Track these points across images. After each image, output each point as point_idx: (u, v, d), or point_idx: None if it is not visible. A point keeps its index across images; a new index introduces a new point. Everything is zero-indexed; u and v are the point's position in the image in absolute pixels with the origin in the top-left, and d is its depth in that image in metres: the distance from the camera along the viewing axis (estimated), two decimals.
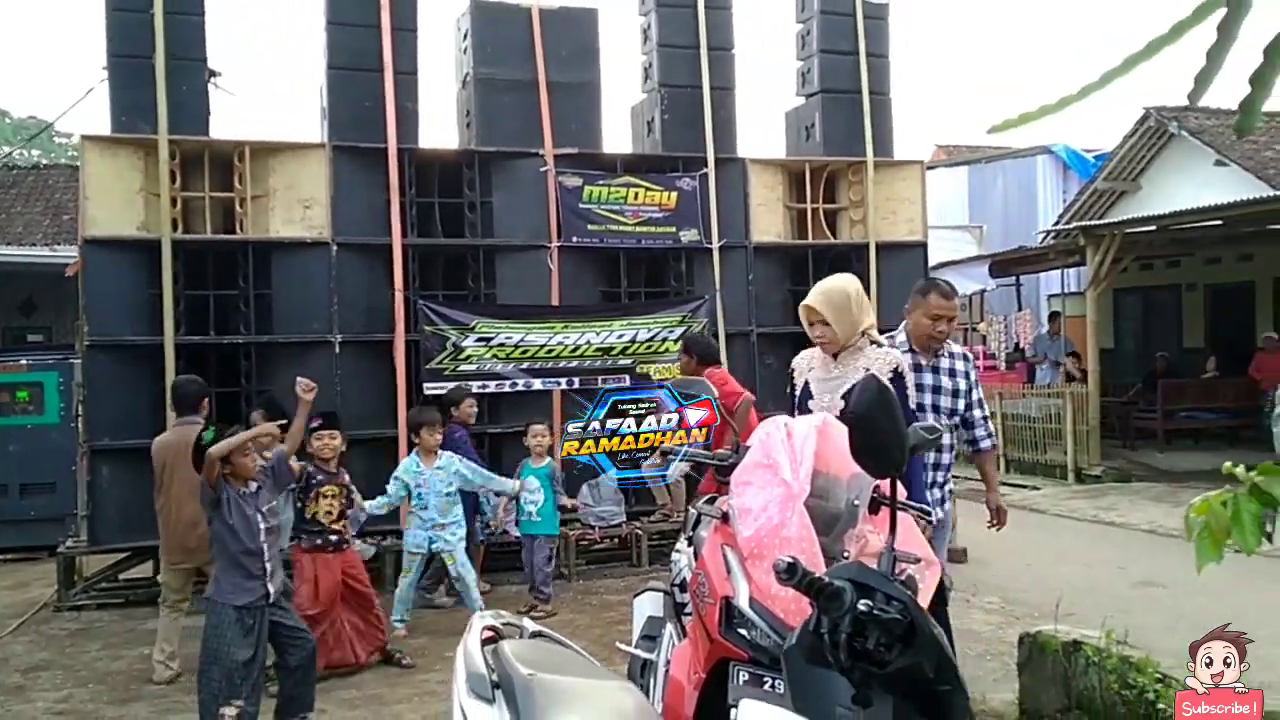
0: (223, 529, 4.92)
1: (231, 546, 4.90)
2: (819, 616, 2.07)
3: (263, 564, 4.94)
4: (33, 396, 10.41)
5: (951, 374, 4.92)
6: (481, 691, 2.62)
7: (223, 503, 4.91)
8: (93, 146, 7.96)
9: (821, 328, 4.47)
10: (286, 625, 5.07)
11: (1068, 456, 13.56)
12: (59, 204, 19.93)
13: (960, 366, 4.95)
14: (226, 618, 4.83)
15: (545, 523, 7.46)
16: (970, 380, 4.99)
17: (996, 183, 21.93)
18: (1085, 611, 6.12)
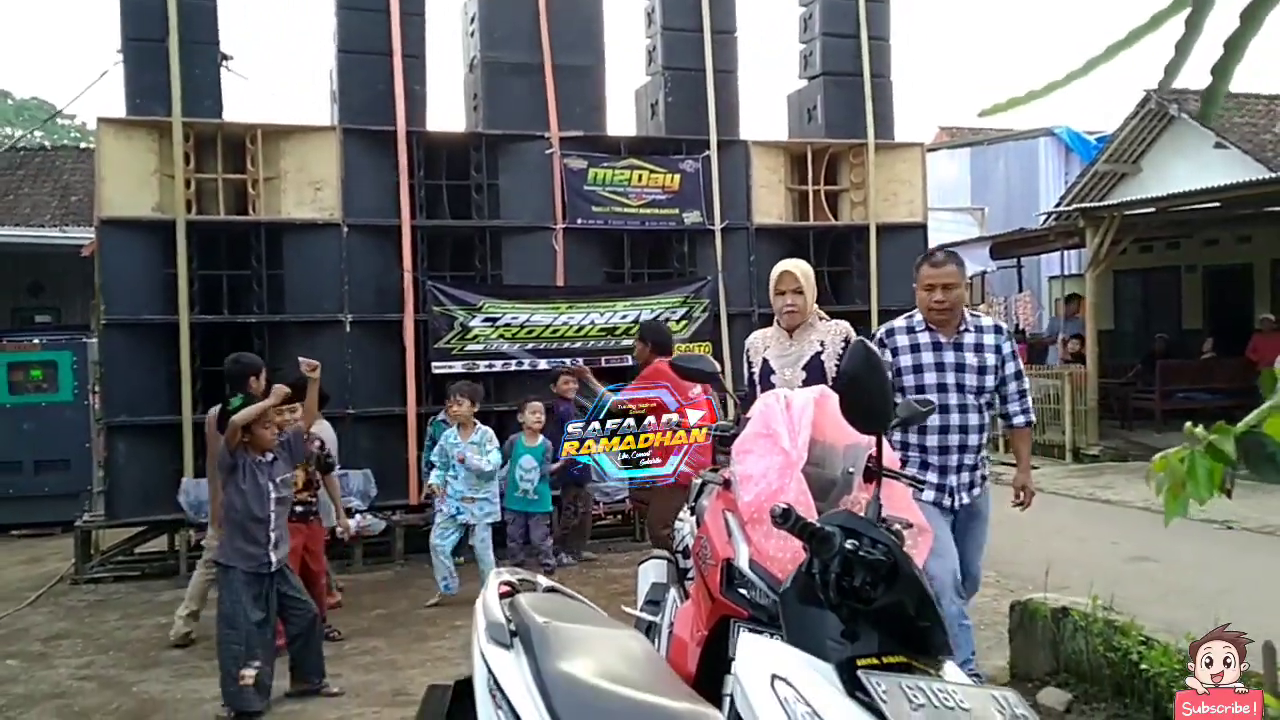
0: (234, 493, 5.12)
1: (240, 512, 5.11)
2: (811, 559, 2.27)
3: (268, 532, 5.15)
4: (47, 375, 10.58)
5: (978, 349, 4.68)
6: (500, 638, 2.81)
7: (238, 468, 5.12)
8: (108, 129, 8.10)
9: (794, 297, 4.90)
10: (288, 594, 5.27)
11: (1066, 436, 13.71)
12: (67, 185, 20.05)
13: (989, 341, 4.71)
14: (237, 581, 5.06)
15: (541, 500, 7.61)
16: (1003, 354, 4.75)
17: (999, 165, 22.02)
18: (1078, 584, 6.27)
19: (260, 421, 5.18)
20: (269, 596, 5.17)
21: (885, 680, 2.10)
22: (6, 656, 6.21)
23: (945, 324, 4.67)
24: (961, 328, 4.69)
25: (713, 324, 9.36)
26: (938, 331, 4.68)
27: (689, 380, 6.93)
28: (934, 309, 4.67)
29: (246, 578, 5.08)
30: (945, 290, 4.62)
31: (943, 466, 4.65)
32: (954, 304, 4.64)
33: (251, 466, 5.17)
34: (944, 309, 4.64)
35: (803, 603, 2.33)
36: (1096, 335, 14.23)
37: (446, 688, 3.27)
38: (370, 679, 5.60)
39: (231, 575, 5.08)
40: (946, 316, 4.66)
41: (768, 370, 5.08)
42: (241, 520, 5.11)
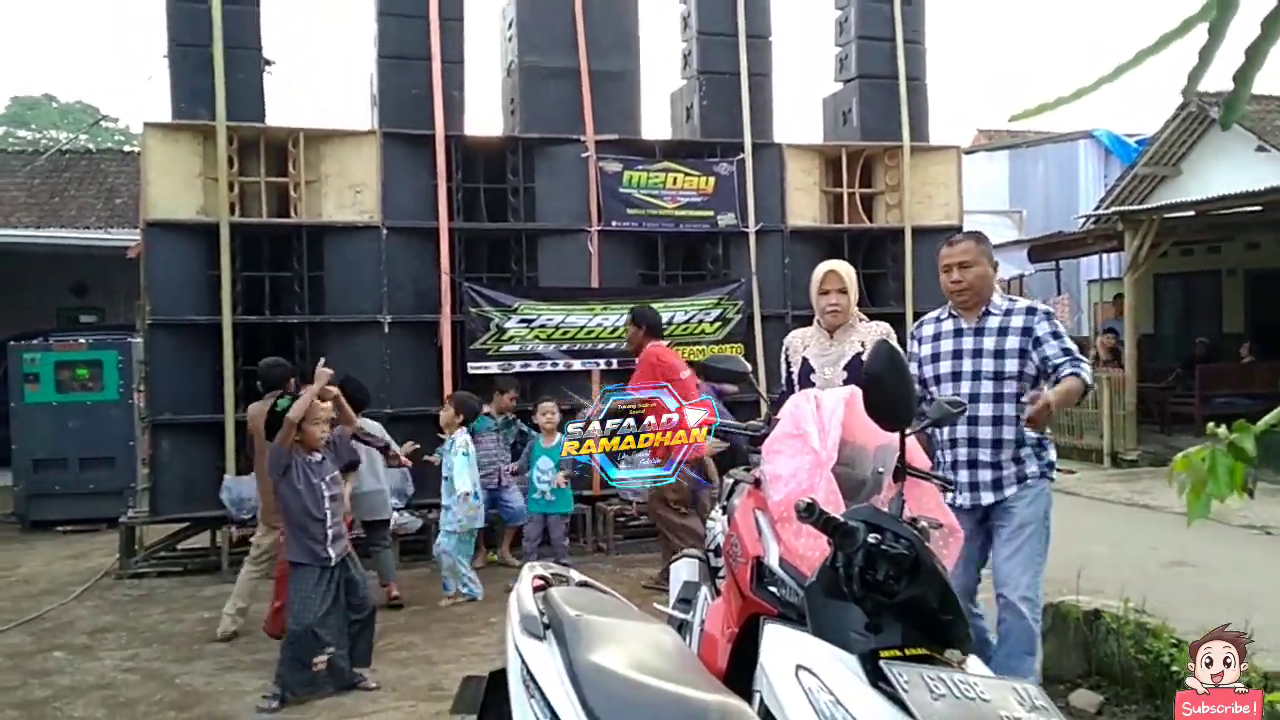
0: (290, 494, 5.27)
1: (298, 512, 5.26)
2: (835, 553, 2.33)
3: (325, 529, 5.30)
4: (93, 374, 10.77)
5: (1001, 333, 4.33)
6: (534, 630, 2.88)
7: (291, 469, 5.25)
8: (154, 132, 8.27)
9: (838, 296, 4.81)
10: (352, 582, 5.43)
11: (1104, 441, 13.63)
12: (112, 188, 20.37)
13: (1017, 323, 4.32)
14: (307, 578, 5.23)
15: (560, 501, 7.65)
16: (1036, 334, 4.29)
17: (1037, 167, 21.89)
18: (1112, 587, 6.26)
19: (310, 419, 5.32)
20: (335, 585, 5.33)
21: (907, 671, 2.15)
22: (53, 648, 6.35)
23: (967, 307, 4.41)
24: (986, 311, 4.39)
25: (746, 326, 9.41)
26: (960, 317, 4.43)
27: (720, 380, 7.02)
28: (952, 290, 4.43)
29: (313, 572, 5.24)
30: (961, 269, 4.35)
31: (955, 461, 4.37)
32: (972, 283, 4.35)
33: (304, 466, 5.31)
34: (960, 289, 4.38)
35: (827, 596, 2.39)
36: (1136, 339, 14.12)
37: (481, 679, 3.35)
38: (406, 673, 5.69)
39: (300, 570, 5.25)
40: (965, 297, 4.39)
41: (807, 370, 5.07)
42: (301, 519, 5.27)
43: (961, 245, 4.40)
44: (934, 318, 4.58)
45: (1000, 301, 4.40)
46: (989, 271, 4.37)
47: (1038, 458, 4.30)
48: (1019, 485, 4.25)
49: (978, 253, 4.36)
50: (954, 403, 3.54)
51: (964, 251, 4.36)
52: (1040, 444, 4.33)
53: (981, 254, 4.37)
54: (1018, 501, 4.23)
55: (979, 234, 4.54)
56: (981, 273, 4.34)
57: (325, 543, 5.29)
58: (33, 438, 10.53)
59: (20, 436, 10.54)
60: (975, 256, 4.34)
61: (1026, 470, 4.27)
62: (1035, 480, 4.28)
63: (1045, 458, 4.32)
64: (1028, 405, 4.15)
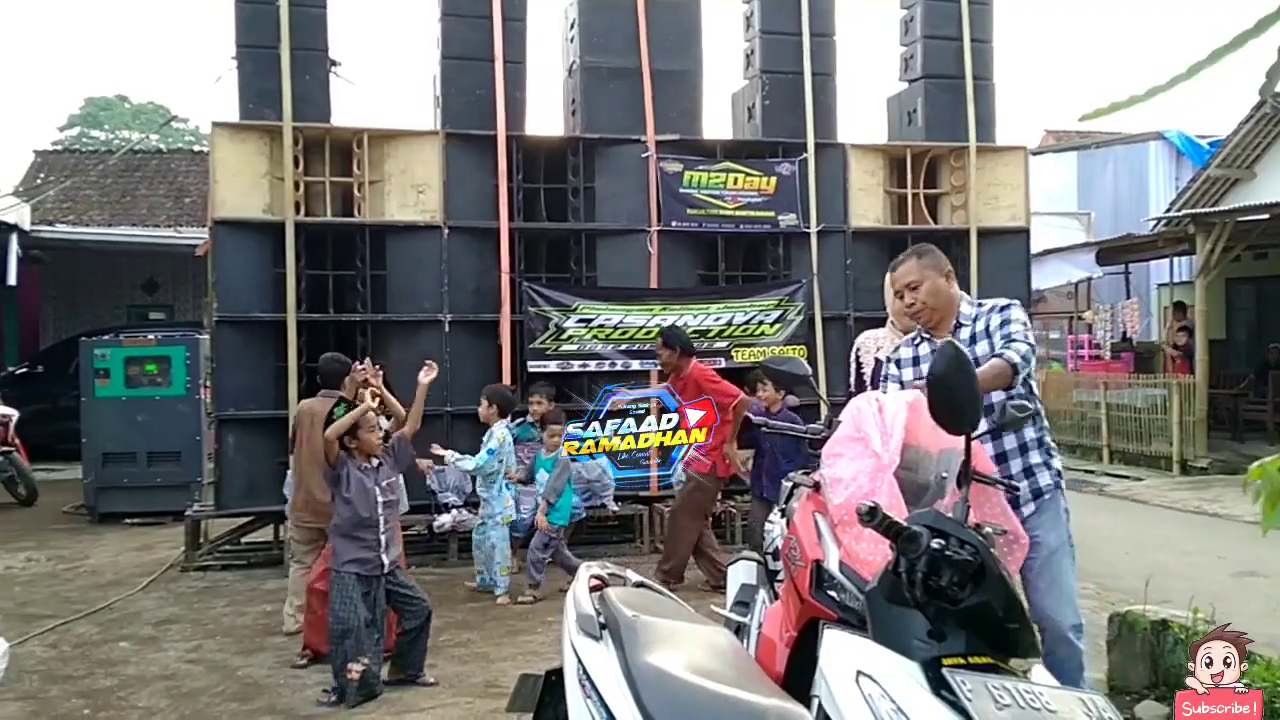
0: (341, 503, 5.32)
1: (348, 518, 5.30)
2: (898, 558, 2.28)
3: (378, 536, 5.33)
4: (161, 370, 10.96)
5: (973, 341, 3.98)
6: (590, 630, 2.88)
7: (342, 477, 5.30)
8: (222, 132, 8.40)
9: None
10: (402, 592, 5.46)
11: (1173, 448, 13.35)
12: (181, 187, 20.82)
13: (983, 326, 3.99)
14: (348, 584, 5.25)
15: (558, 514, 7.47)
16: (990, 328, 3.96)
17: (1106, 169, 21.52)
18: (1180, 597, 6.11)
19: (364, 426, 5.37)
20: (378, 597, 5.36)
21: (971, 679, 2.11)
22: (120, 639, 6.47)
23: (934, 326, 4.08)
24: (957, 324, 4.04)
25: (807, 328, 9.33)
26: (933, 337, 4.08)
27: (780, 383, 6.98)
28: (909, 315, 4.16)
29: (358, 580, 5.27)
30: (911, 291, 4.02)
31: None
32: (926, 302, 4.01)
33: (356, 473, 5.35)
34: (916, 311, 4.06)
35: (889, 602, 2.35)
36: (1207, 344, 13.80)
37: (538, 677, 3.35)
38: (464, 670, 5.72)
39: (344, 578, 5.27)
40: (926, 317, 4.06)
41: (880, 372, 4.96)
42: (351, 527, 5.31)
43: (903, 267, 4.09)
44: (910, 340, 4.26)
45: (968, 309, 4.08)
46: (941, 284, 4.02)
47: (1047, 466, 4.00)
48: (1035, 501, 3.94)
49: (920, 270, 4.02)
50: (1020, 406, 3.45)
51: (907, 272, 4.05)
52: (1047, 449, 4.01)
53: (926, 269, 4.02)
54: (1040, 525, 3.90)
55: (920, 249, 4.16)
56: (932, 288, 4.00)
57: (378, 549, 5.32)
58: (102, 432, 10.75)
59: (90, 430, 10.76)
60: (920, 274, 4.01)
61: (1040, 483, 3.95)
62: (1051, 493, 3.97)
63: (1054, 465, 4.03)
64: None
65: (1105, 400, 14.63)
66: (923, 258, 4.06)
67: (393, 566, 5.41)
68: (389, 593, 5.42)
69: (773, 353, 8.82)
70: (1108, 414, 14.59)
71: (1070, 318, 19.36)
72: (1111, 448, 14.53)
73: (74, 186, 19.31)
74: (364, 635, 5.22)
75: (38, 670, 5.80)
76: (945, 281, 4.03)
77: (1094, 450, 14.95)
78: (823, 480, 3.13)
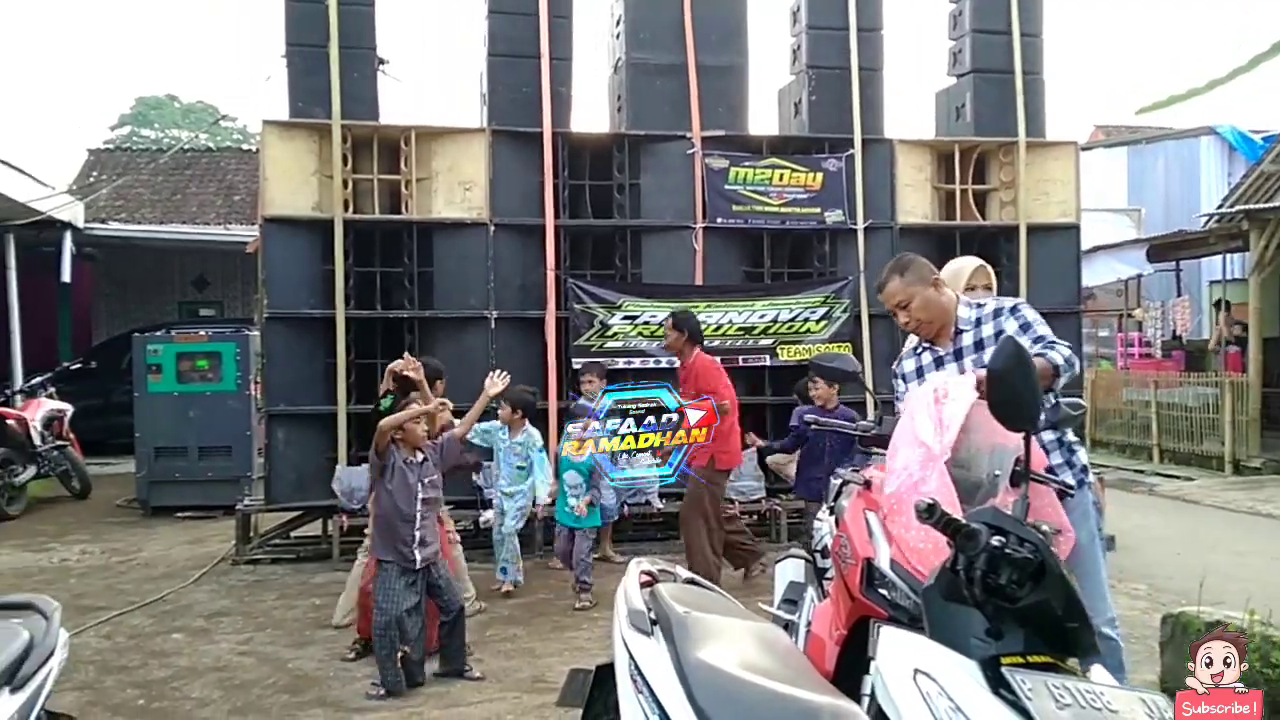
0: (382, 492, 5.37)
1: (388, 510, 5.35)
2: (956, 555, 2.26)
3: (414, 531, 5.36)
4: (212, 365, 11.10)
5: (978, 346, 3.94)
6: (641, 625, 2.88)
7: (386, 469, 5.34)
8: (272, 131, 8.49)
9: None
10: (436, 585, 5.49)
11: (1225, 447, 13.13)
12: (230, 185, 21.06)
13: (988, 331, 3.94)
14: (391, 575, 5.31)
15: (588, 516, 7.42)
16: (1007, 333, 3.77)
17: (1157, 164, 21.20)
18: (1234, 599, 6.01)
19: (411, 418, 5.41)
20: (421, 584, 5.41)
21: (1030, 678, 2.09)
22: (173, 630, 6.57)
23: (934, 336, 4.02)
24: (957, 330, 3.98)
25: (853, 325, 9.28)
26: (935, 346, 4.03)
27: (829, 379, 6.93)
28: (908, 330, 4.10)
29: (399, 570, 5.32)
30: (902, 310, 3.98)
31: None
32: (920, 317, 3.97)
33: (401, 466, 5.39)
34: (915, 328, 4.02)
35: (947, 599, 2.33)
36: (1260, 342, 13.56)
37: (588, 672, 3.36)
38: (510, 665, 5.75)
39: (386, 568, 5.34)
40: (926, 331, 4.01)
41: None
42: (391, 519, 5.35)
43: (889, 288, 4.00)
44: (912, 351, 4.18)
45: (968, 313, 3.99)
46: (930, 295, 3.94)
47: (1069, 465, 3.93)
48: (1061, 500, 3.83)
49: (904, 287, 3.95)
50: (1074, 404, 3.42)
51: (891, 294, 3.99)
52: (1068, 448, 3.96)
53: (910, 284, 3.95)
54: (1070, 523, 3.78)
55: (899, 264, 4.05)
56: (921, 302, 3.94)
57: (412, 545, 5.35)
58: (155, 427, 10.91)
59: (143, 425, 10.93)
60: (904, 292, 3.95)
61: (1064, 482, 3.74)
62: (1075, 492, 3.76)
63: (1076, 463, 3.96)
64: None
65: (1156, 399, 14.43)
66: (905, 274, 3.97)
67: (427, 561, 5.43)
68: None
69: (818, 350, 8.78)
70: (1158, 413, 14.38)
71: (1120, 315, 19.10)
72: (1162, 447, 14.33)
73: (126, 185, 19.60)
74: (406, 623, 5.28)
75: (93, 661, 5.90)
76: (934, 291, 3.96)
77: (1144, 450, 14.74)
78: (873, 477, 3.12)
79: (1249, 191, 16.16)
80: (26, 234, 14.27)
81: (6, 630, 2.76)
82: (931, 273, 4.01)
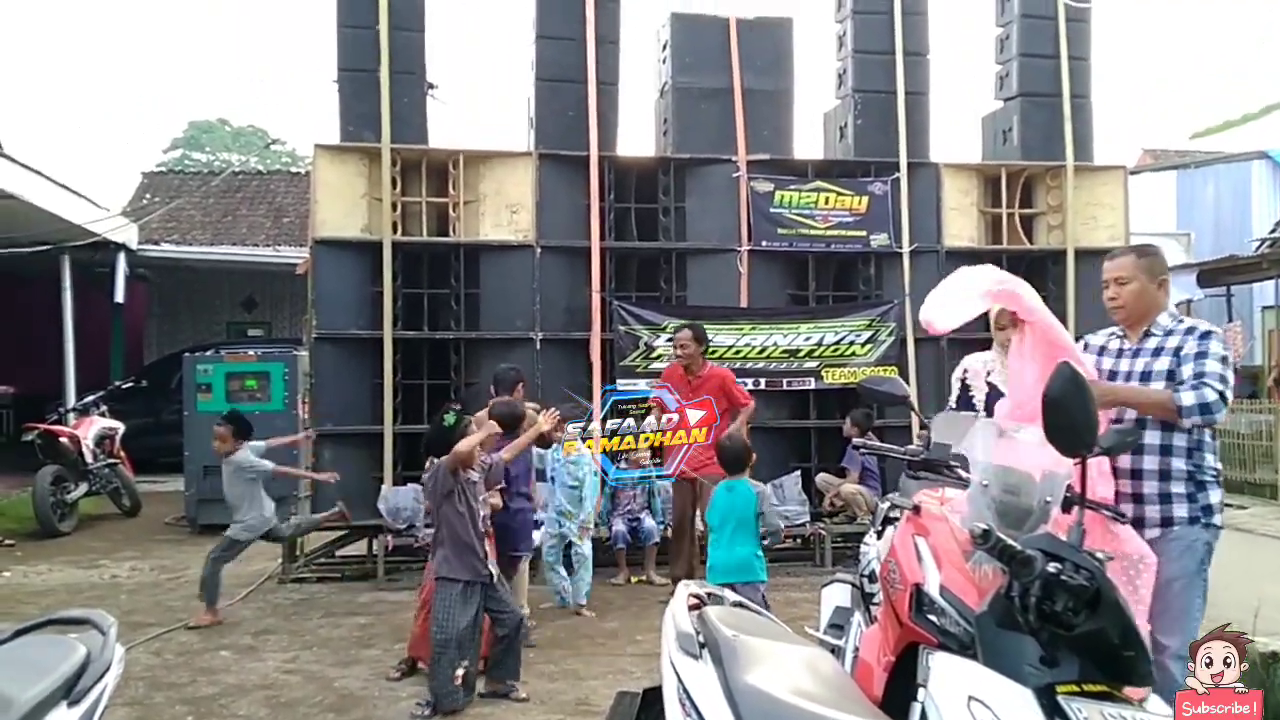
0: (453, 514, 5.41)
1: (462, 530, 5.40)
2: (1010, 582, 2.24)
3: (484, 548, 5.45)
4: (260, 385, 11.21)
5: (1156, 353, 4.01)
6: (690, 649, 2.88)
7: (454, 492, 5.39)
8: (323, 154, 8.62)
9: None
10: (496, 599, 5.52)
11: (1278, 476, 12.89)
12: (280, 207, 21.36)
13: (1172, 343, 3.98)
14: (454, 593, 5.34)
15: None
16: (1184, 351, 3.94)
17: (1207, 189, 20.97)
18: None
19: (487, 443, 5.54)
20: (479, 602, 5.44)
21: (1086, 707, 2.07)
22: (220, 648, 6.63)
23: (1128, 325, 4.12)
24: (1148, 331, 4.06)
25: (899, 349, 9.23)
26: (1126, 337, 4.14)
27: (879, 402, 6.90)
28: (1109, 307, 4.17)
29: (463, 587, 5.36)
30: (1117, 285, 4.08)
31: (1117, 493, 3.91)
32: (1126, 301, 4.06)
33: (468, 487, 5.46)
34: (1115, 305, 4.11)
35: (1000, 626, 2.31)
36: None
37: (636, 695, 3.36)
38: (554, 687, 5.74)
39: (451, 587, 5.37)
40: (1121, 315, 4.11)
41: (996, 396, 4.83)
42: (466, 538, 5.40)
43: (1118, 260, 4.13)
44: (1107, 332, 4.27)
45: (1167, 322, 4.05)
46: (1147, 289, 4.05)
47: (1189, 500, 3.87)
48: (1162, 528, 3.85)
49: (1134, 268, 4.06)
50: (1127, 430, 3.39)
51: (1118, 267, 4.10)
52: (1198, 484, 3.90)
53: (1140, 269, 4.05)
54: (1161, 553, 3.72)
55: (1144, 248, 4.21)
56: (1138, 289, 4.04)
57: (485, 560, 5.43)
58: (204, 445, 10.93)
59: (192, 443, 11.02)
60: (1131, 272, 4.06)
61: (1175, 513, 3.86)
62: (1183, 526, 3.85)
63: (1201, 500, 3.89)
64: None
65: None
66: (1141, 258, 4.10)
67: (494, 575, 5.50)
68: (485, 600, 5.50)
69: (864, 373, 8.74)
70: None
71: None
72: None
73: (178, 207, 19.93)
74: (465, 641, 5.31)
75: (143, 677, 5.96)
76: (1156, 288, 4.07)
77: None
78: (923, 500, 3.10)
79: None
80: (82, 255, 14.55)
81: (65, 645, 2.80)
82: (1163, 273, 4.12)
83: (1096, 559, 2.38)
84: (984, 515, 2.69)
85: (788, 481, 8.89)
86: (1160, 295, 4.10)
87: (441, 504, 5.48)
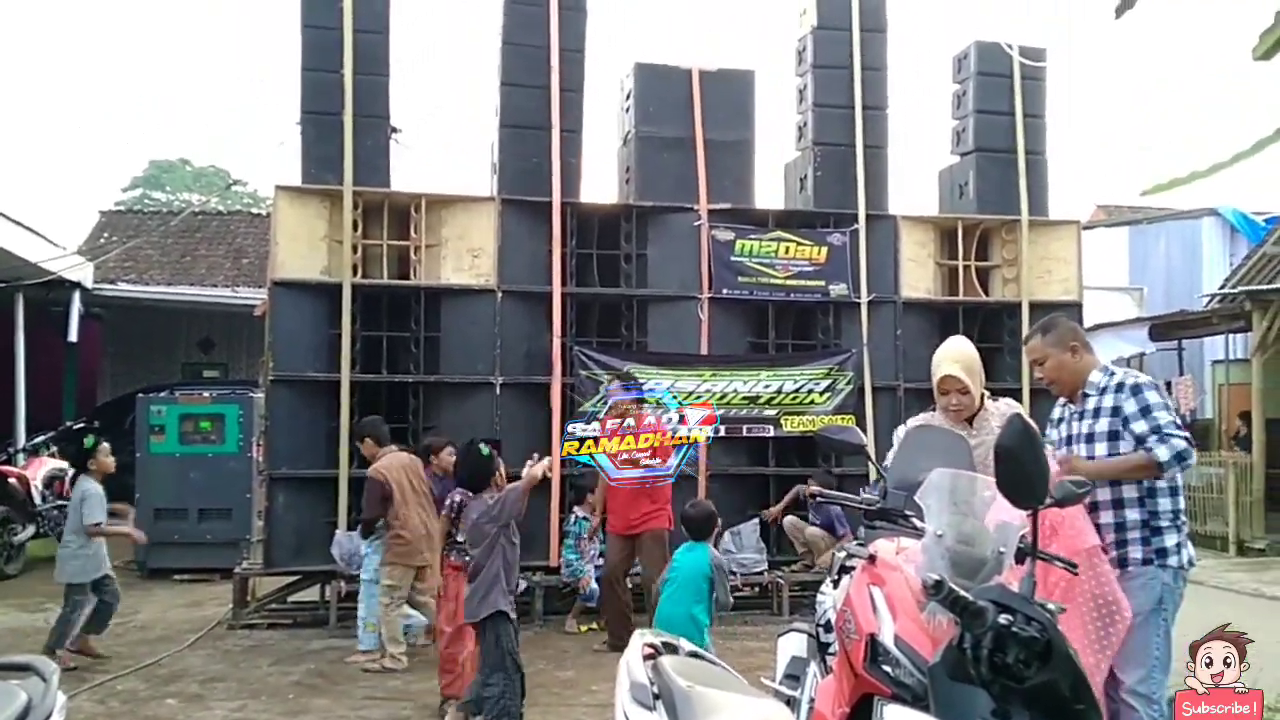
0: (507, 546, 5.36)
1: (511, 562, 5.38)
2: (963, 633, 2.25)
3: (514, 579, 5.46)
4: (214, 427, 11.08)
5: (1096, 414, 4.22)
6: (643, 700, 2.86)
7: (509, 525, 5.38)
8: (284, 195, 8.59)
9: (960, 397, 4.60)
10: None
11: (1229, 528, 13.04)
12: (239, 248, 21.17)
13: (1107, 403, 4.19)
14: (508, 625, 5.32)
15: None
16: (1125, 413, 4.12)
17: (1159, 244, 21.33)
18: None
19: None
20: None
21: None
22: (166, 695, 6.49)
23: (1065, 394, 4.41)
24: (1084, 394, 4.30)
25: (857, 397, 9.29)
26: (1070, 403, 4.41)
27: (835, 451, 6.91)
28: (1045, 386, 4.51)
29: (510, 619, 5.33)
30: (1037, 366, 4.44)
31: None
32: (1050, 376, 4.37)
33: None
34: (1047, 384, 4.46)
35: (953, 678, 2.31)
36: (1264, 424, 13.54)
37: None
38: None
39: (503, 620, 5.29)
40: (1056, 390, 4.44)
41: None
42: (509, 570, 5.37)
43: (1029, 345, 4.46)
44: (1060, 403, 4.52)
45: (1099, 379, 4.27)
46: (1064, 359, 4.31)
47: (1144, 543, 4.09)
48: (1120, 569, 4.04)
49: (1043, 346, 4.35)
50: (1078, 482, 3.42)
51: (1030, 351, 4.43)
52: (1153, 529, 4.10)
53: (1049, 344, 4.33)
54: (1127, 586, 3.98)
55: (1046, 323, 4.47)
56: (1055, 364, 4.32)
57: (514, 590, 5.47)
58: (155, 487, 10.85)
59: (144, 486, 10.85)
60: (1042, 351, 4.35)
61: (1130, 554, 4.08)
62: (1138, 567, 4.08)
63: (1155, 544, 4.09)
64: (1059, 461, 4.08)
65: None
66: (1047, 334, 4.37)
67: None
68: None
69: (823, 421, 8.78)
70: None
71: None
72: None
73: (136, 246, 19.72)
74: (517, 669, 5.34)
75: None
76: (1070, 356, 4.31)
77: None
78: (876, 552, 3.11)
79: (1251, 273, 16.25)
80: (35, 293, 14.34)
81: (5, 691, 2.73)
82: (1073, 339, 4.36)
83: (1048, 610, 2.39)
84: (938, 565, 2.70)
85: (745, 529, 8.89)
86: (1080, 359, 4.32)
87: (499, 536, 5.37)
